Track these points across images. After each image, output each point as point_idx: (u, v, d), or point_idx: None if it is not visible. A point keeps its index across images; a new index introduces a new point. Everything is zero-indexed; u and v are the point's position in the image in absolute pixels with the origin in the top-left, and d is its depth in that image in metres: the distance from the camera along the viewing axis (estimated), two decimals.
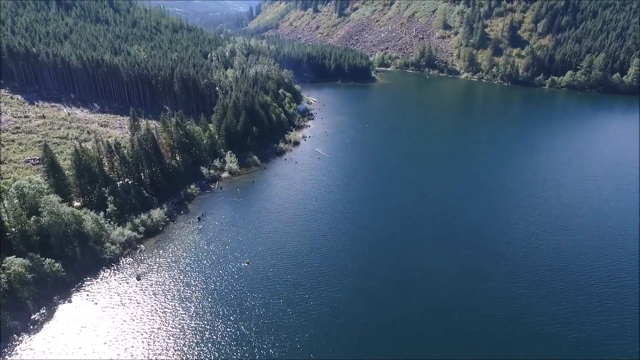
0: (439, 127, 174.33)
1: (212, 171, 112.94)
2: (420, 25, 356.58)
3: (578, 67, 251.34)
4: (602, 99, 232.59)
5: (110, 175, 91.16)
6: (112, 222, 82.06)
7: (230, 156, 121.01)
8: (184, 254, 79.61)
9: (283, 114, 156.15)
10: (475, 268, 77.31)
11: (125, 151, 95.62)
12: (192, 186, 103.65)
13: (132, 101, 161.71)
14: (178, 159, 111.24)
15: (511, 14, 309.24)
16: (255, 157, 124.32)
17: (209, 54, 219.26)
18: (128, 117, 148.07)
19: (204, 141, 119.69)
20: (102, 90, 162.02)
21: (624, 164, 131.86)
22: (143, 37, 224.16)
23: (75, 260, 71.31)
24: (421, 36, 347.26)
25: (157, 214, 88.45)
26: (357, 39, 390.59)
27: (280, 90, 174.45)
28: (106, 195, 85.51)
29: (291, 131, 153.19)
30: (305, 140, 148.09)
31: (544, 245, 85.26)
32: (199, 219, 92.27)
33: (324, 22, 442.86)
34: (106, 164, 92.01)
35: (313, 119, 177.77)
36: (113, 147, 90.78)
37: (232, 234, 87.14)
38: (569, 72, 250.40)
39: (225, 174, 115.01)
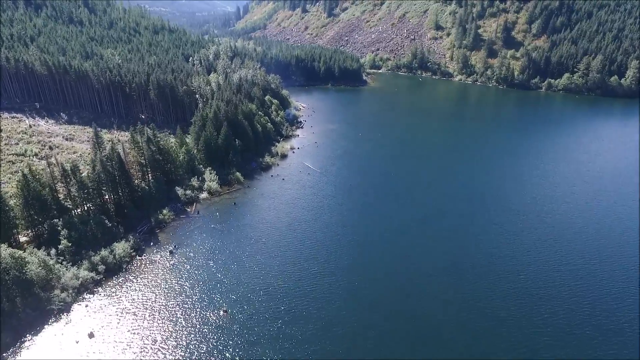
0: (436, 136, 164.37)
1: (188, 192, 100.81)
2: (412, 26, 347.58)
3: (575, 69, 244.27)
4: (600, 103, 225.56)
5: (66, 204, 78.76)
6: (64, 262, 69.83)
7: (210, 173, 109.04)
8: (151, 298, 67.67)
9: (269, 124, 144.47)
10: (489, 312, 66.80)
11: (86, 173, 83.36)
12: (165, 211, 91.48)
13: (105, 110, 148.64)
14: (150, 178, 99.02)
15: (504, 15, 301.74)
16: (238, 173, 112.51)
17: (191, 57, 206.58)
18: (99, 129, 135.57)
19: (180, 157, 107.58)
20: (71, 98, 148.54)
21: (635, 175, 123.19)
22: (120, 40, 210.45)
23: (13, 315, 58.98)
24: (413, 37, 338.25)
25: (121, 247, 76.30)
26: (347, 40, 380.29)
27: (267, 97, 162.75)
28: (59, 228, 73.12)
29: (278, 142, 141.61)
30: (293, 152, 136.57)
31: (566, 282, 74.92)
32: (170, 252, 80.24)
33: (313, 23, 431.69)
34: (61, 190, 79.56)
35: (302, 127, 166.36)
36: (69, 171, 78.27)
37: (209, 270, 75.44)
38: (566, 75, 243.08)
39: (203, 195, 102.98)
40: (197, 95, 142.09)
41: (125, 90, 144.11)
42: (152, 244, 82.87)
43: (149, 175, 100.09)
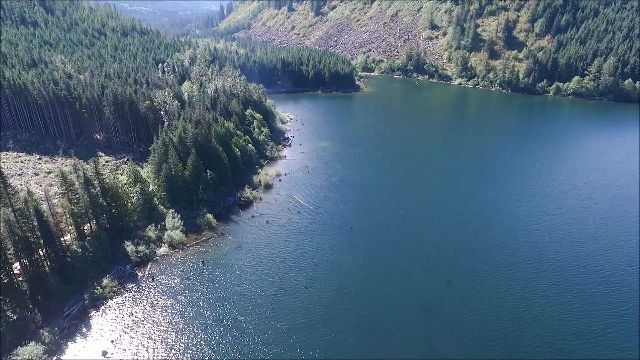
0: (444, 156, 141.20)
1: (142, 247, 76.98)
2: (405, 25, 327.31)
3: (585, 72, 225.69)
4: (615, 109, 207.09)
5: None
6: None
7: (173, 217, 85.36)
8: None
9: (250, 144, 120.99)
10: None
11: None
12: (105, 280, 67.90)
13: (51, 131, 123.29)
14: (90, 232, 75.10)
15: (504, 13, 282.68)
16: (209, 215, 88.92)
17: (163, 63, 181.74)
18: (39, 156, 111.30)
19: (134, 199, 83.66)
20: (7, 117, 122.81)
21: None
22: (80, 43, 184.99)
23: None
24: (406, 37, 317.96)
25: (28, 354, 52.55)
26: (336, 40, 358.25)
27: (248, 111, 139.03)
28: None
29: (261, 167, 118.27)
30: (280, 180, 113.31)
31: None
32: (104, 353, 56.65)
33: (299, 22, 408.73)
34: None
35: (289, 144, 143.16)
36: None
37: None
38: (576, 78, 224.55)
39: (162, 249, 79.14)
40: (162, 113, 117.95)
41: (75, 106, 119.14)
42: (79, 336, 59.18)
43: (90, 225, 76.23)
